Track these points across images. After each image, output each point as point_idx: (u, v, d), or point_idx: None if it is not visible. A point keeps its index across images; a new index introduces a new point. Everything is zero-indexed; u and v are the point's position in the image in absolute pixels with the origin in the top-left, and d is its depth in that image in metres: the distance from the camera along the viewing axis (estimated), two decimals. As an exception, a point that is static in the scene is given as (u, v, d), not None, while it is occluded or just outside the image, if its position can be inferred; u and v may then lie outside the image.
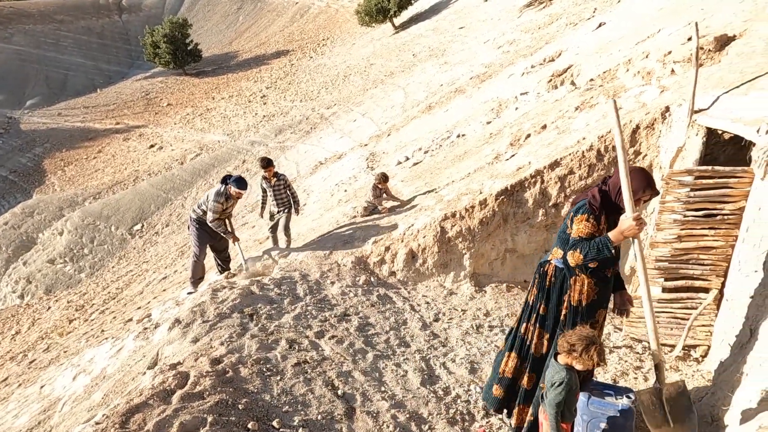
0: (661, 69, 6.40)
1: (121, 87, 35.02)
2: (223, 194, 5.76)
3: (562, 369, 2.82)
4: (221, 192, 5.76)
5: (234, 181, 5.74)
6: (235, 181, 5.74)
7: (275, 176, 6.58)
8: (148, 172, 22.22)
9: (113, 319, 9.04)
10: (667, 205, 4.45)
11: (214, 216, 5.79)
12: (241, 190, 5.76)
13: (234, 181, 5.74)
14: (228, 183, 5.77)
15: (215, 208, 5.76)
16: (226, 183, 5.79)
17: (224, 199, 5.77)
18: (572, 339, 2.76)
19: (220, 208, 5.78)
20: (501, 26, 22.54)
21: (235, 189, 5.74)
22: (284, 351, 4.02)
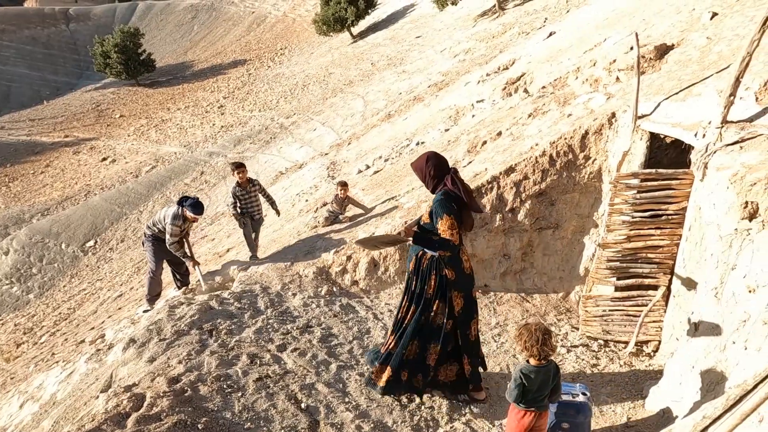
0: (607, 77, 6.69)
1: (69, 98, 33.71)
2: (179, 217, 5.60)
3: (518, 369, 2.92)
4: (177, 215, 5.59)
5: (190, 205, 5.56)
6: (191, 205, 5.56)
7: (250, 182, 6.40)
8: (100, 186, 21.43)
9: (65, 341, 8.64)
10: (616, 207, 4.64)
11: (173, 240, 5.62)
12: (196, 215, 5.60)
13: (190, 206, 5.55)
14: (184, 205, 5.61)
15: (174, 232, 5.59)
16: (181, 205, 5.63)
17: (181, 221, 5.62)
18: (522, 332, 2.87)
19: (178, 231, 5.63)
20: (456, 35, 23.01)
21: (191, 213, 5.58)
22: (245, 366, 3.94)
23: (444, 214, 3.33)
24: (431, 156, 3.51)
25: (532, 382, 2.87)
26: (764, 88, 4.11)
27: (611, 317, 4.91)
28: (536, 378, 2.87)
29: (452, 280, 3.52)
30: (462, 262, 3.56)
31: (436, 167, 3.47)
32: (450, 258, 3.48)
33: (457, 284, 3.55)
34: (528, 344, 2.81)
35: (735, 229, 3.31)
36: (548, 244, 5.89)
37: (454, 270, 3.51)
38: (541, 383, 2.90)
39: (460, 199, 3.41)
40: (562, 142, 5.57)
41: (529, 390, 2.89)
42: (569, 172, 5.56)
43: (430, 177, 3.47)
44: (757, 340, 2.78)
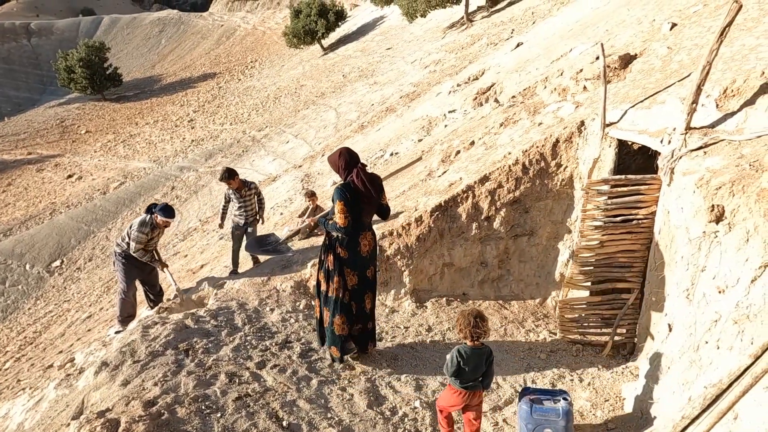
0: (575, 86, 6.87)
1: (32, 115, 32.74)
2: (148, 224, 5.44)
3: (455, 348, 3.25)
4: (146, 222, 5.44)
5: (160, 209, 5.44)
6: (161, 209, 5.44)
7: (245, 185, 6.25)
8: (66, 204, 20.79)
9: (31, 367, 8.29)
10: (588, 213, 4.74)
11: (138, 247, 5.47)
12: (168, 219, 5.47)
13: (160, 210, 5.44)
14: (154, 212, 5.47)
15: (139, 239, 5.43)
16: (151, 212, 5.49)
17: (149, 229, 5.46)
18: (459, 318, 3.23)
19: (144, 239, 5.47)
20: (426, 47, 23.33)
21: (162, 218, 5.44)
22: (224, 386, 3.85)
23: (337, 200, 3.85)
24: (344, 152, 4.02)
25: (466, 361, 3.18)
26: (724, 95, 4.28)
27: (587, 321, 4.99)
28: (470, 358, 3.19)
29: (345, 259, 4.04)
30: (359, 244, 4.04)
31: (347, 161, 3.97)
32: (346, 240, 3.99)
33: (349, 263, 4.06)
34: (463, 327, 3.16)
35: (703, 232, 3.42)
36: (524, 250, 5.97)
37: (347, 251, 4.02)
38: (476, 364, 3.22)
39: (359, 189, 3.90)
40: (534, 150, 5.67)
41: (465, 369, 3.21)
42: (542, 179, 5.66)
43: (342, 169, 3.97)
44: (729, 339, 2.86)
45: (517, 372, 4.52)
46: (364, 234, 4.04)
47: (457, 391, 3.29)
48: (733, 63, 4.58)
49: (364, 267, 4.13)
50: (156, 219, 5.44)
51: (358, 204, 3.90)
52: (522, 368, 4.58)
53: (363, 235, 4.03)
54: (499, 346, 4.96)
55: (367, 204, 3.97)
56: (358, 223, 3.96)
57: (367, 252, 4.10)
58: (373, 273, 4.25)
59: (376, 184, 4.01)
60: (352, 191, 3.87)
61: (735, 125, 3.98)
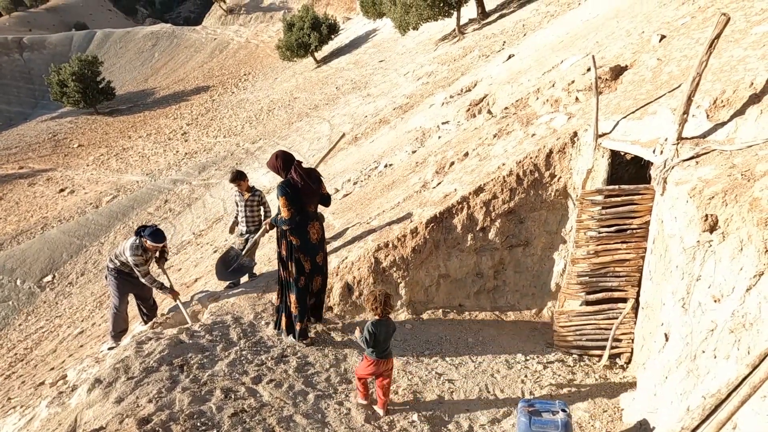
0: (567, 97, 6.93)
1: (24, 129, 32.60)
2: (139, 247, 5.39)
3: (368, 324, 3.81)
4: (136, 245, 5.38)
5: (150, 234, 5.36)
6: (150, 234, 5.36)
7: (249, 191, 6.18)
8: (58, 219, 20.64)
9: (22, 384, 8.17)
10: (583, 223, 4.77)
11: (143, 270, 5.41)
12: (156, 244, 5.41)
13: (149, 234, 5.35)
14: (143, 235, 5.39)
15: (138, 262, 5.38)
16: (140, 235, 5.42)
17: (141, 251, 5.42)
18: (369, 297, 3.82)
19: (142, 260, 5.42)
20: (419, 59, 23.52)
21: (151, 242, 5.37)
22: (219, 401, 3.81)
23: (279, 196, 4.37)
24: (279, 154, 4.53)
25: (378, 333, 3.80)
26: (714, 106, 4.34)
27: (584, 331, 4.99)
28: (380, 330, 3.81)
29: (298, 246, 4.54)
30: (308, 233, 4.57)
31: (284, 161, 4.48)
32: (296, 230, 4.48)
33: (302, 249, 4.57)
34: (373, 305, 3.78)
35: (697, 242, 3.45)
36: (519, 261, 5.97)
37: (299, 238, 4.53)
38: (385, 336, 3.85)
39: (298, 184, 4.42)
40: (527, 161, 5.71)
41: (377, 340, 3.81)
42: (536, 190, 5.69)
43: (281, 169, 4.48)
44: (726, 349, 2.87)
45: (514, 383, 4.51)
46: (312, 224, 4.58)
47: (372, 360, 3.85)
48: (722, 74, 4.65)
49: (314, 253, 4.65)
50: (145, 243, 5.39)
51: (299, 197, 4.41)
52: (519, 380, 4.56)
53: (311, 225, 4.58)
54: (495, 357, 4.94)
55: (308, 196, 4.49)
56: (303, 213, 4.49)
57: (316, 239, 4.64)
58: (323, 258, 4.82)
59: (313, 177, 4.54)
60: (292, 186, 4.39)
61: (726, 135, 4.02)
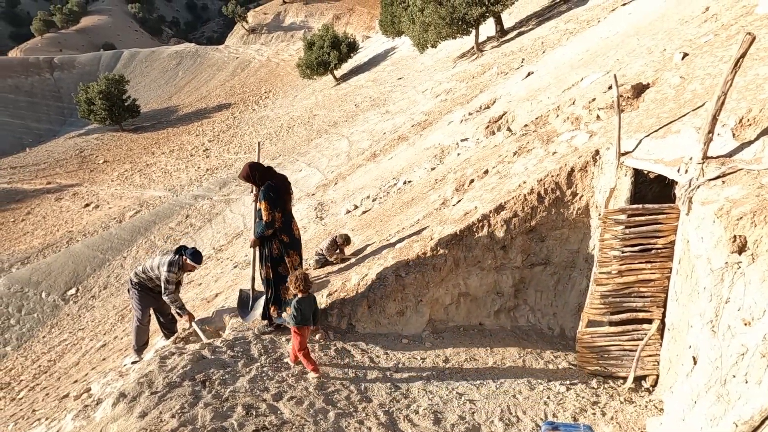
0: (588, 115, 6.91)
1: (52, 145, 33.59)
2: (176, 264, 5.52)
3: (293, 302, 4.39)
4: (175, 262, 5.51)
5: (190, 254, 5.55)
6: (191, 254, 5.55)
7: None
8: (83, 233, 21.10)
9: (46, 396, 8.29)
10: (606, 242, 4.72)
11: (171, 288, 5.51)
12: (196, 264, 5.59)
13: (190, 254, 5.54)
14: (183, 254, 5.55)
15: (171, 279, 5.48)
16: (180, 254, 5.57)
17: (177, 268, 5.54)
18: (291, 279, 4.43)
19: (175, 278, 5.54)
20: (437, 76, 23.69)
21: (191, 262, 5.53)
22: (241, 418, 3.82)
23: (262, 200, 4.75)
24: (252, 165, 4.93)
25: (304, 308, 4.37)
26: (740, 125, 4.29)
27: (608, 352, 4.90)
28: (305, 304, 4.41)
29: (288, 243, 4.94)
30: (293, 230, 5.01)
31: (262, 170, 4.92)
32: (283, 228, 4.88)
33: (291, 246, 4.98)
34: (296, 285, 4.37)
35: (725, 263, 3.38)
36: (540, 280, 5.92)
37: (288, 236, 4.92)
38: (308, 308, 4.42)
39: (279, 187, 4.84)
40: (549, 179, 5.69)
41: (305, 314, 4.39)
42: (557, 208, 5.66)
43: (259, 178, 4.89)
44: (757, 373, 2.80)
45: (536, 405, 4.43)
46: (293, 221, 5.03)
47: (301, 331, 4.40)
48: (747, 92, 4.60)
49: (299, 247, 5.14)
50: (185, 261, 5.52)
51: (281, 198, 4.82)
52: (542, 401, 4.49)
53: (293, 222, 5.02)
54: (517, 377, 4.88)
55: (287, 195, 4.97)
56: (287, 213, 4.90)
57: (298, 235, 5.13)
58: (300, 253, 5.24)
59: (286, 180, 5.07)
60: (274, 189, 4.79)
61: (753, 154, 3.97)
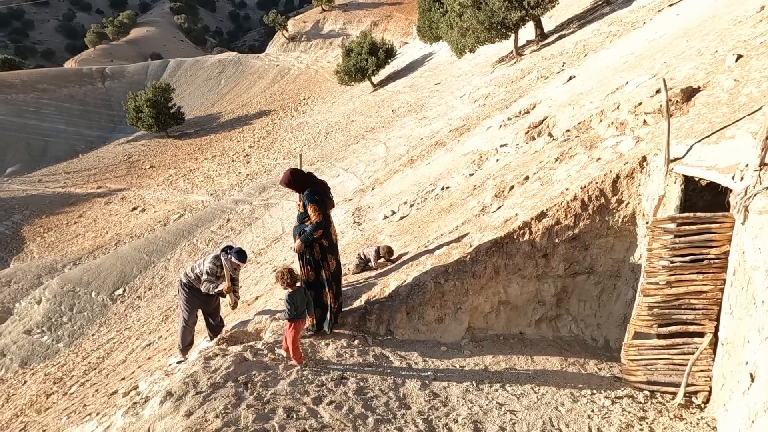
0: (634, 120, 6.71)
1: (103, 151, 35.17)
2: (219, 258, 5.72)
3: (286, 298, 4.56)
4: (218, 256, 5.73)
5: (236, 252, 5.75)
6: (236, 252, 5.75)
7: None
8: (130, 235, 21.95)
9: (96, 392, 8.65)
10: (655, 252, 4.56)
11: (209, 277, 5.72)
12: (240, 262, 5.78)
13: (235, 252, 5.75)
14: (229, 253, 5.76)
15: (212, 270, 5.73)
16: (226, 252, 5.78)
17: (220, 263, 5.74)
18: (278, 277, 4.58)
19: (216, 270, 5.75)
20: (475, 81, 23.51)
21: (236, 260, 5.73)
22: (282, 420, 3.88)
23: (309, 203, 4.88)
24: (293, 172, 5.05)
25: (296, 302, 4.52)
26: (801, 130, 4.06)
27: (656, 366, 4.72)
28: (297, 298, 4.55)
29: (327, 247, 5.03)
30: (331, 234, 5.08)
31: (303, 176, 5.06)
32: (324, 233, 4.94)
33: (330, 250, 5.07)
34: (283, 281, 4.52)
35: (786, 275, 3.21)
36: (583, 289, 5.77)
37: (328, 240, 5.02)
38: (301, 301, 4.57)
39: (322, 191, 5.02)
40: (593, 186, 5.55)
41: (299, 308, 4.55)
42: (602, 216, 5.51)
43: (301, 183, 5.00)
44: (823, 394, 2.64)
45: (580, 418, 4.31)
46: (332, 226, 5.13)
47: (296, 325, 4.54)
48: (809, 96, 4.37)
49: (337, 251, 5.22)
50: (230, 259, 5.71)
51: (324, 202, 4.98)
52: (585, 414, 4.36)
53: (332, 226, 5.13)
54: (559, 389, 4.76)
55: (329, 200, 5.11)
56: (327, 217, 5.00)
57: (336, 240, 5.20)
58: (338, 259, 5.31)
59: (326, 185, 5.20)
60: (318, 193, 4.94)
61: (816, 161, 3.76)
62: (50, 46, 77.51)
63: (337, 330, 5.48)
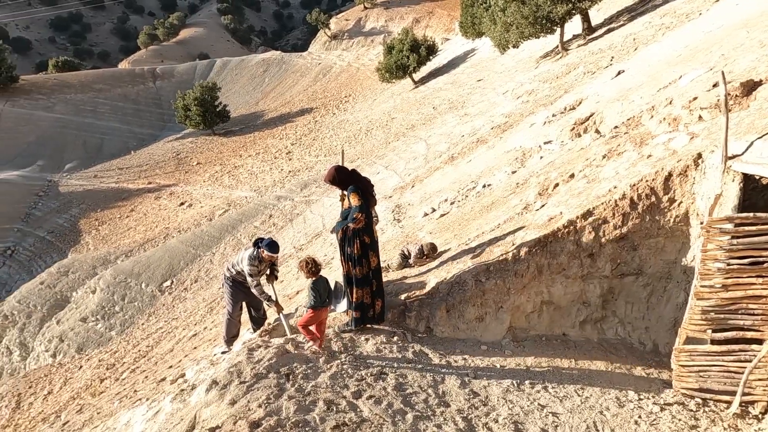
0: (688, 115, 6.42)
1: (153, 148, 36.57)
2: (256, 257, 5.78)
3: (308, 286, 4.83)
4: (254, 256, 5.78)
5: (267, 245, 5.75)
6: (267, 245, 5.75)
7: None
8: (177, 230, 22.76)
9: (145, 379, 9.03)
10: (710, 253, 4.34)
11: (254, 280, 5.80)
12: (273, 254, 5.78)
13: (266, 245, 5.75)
14: (260, 246, 5.79)
15: (252, 272, 5.78)
16: (258, 246, 5.83)
17: (258, 262, 5.80)
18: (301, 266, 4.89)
19: (256, 271, 5.82)
20: (518, 77, 23.06)
21: (268, 252, 5.75)
22: (322, 413, 3.94)
23: (352, 193, 5.04)
24: (338, 168, 5.22)
25: (319, 290, 4.76)
26: None
27: (709, 373, 4.50)
28: (320, 286, 4.80)
29: (369, 243, 5.10)
30: (373, 232, 5.19)
31: (346, 173, 5.22)
32: (365, 229, 5.02)
33: (372, 247, 5.15)
34: (307, 270, 4.79)
35: None
36: (631, 291, 5.57)
37: (370, 237, 5.09)
38: (324, 289, 4.83)
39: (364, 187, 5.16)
40: (643, 184, 5.34)
41: (320, 296, 4.77)
42: (652, 215, 5.30)
43: (344, 180, 5.18)
44: None
45: (626, 423, 4.17)
46: (373, 222, 5.24)
47: (316, 313, 4.76)
48: None
49: (377, 249, 5.28)
50: (262, 253, 5.75)
51: (366, 198, 5.08)
52: (632, 420, 4.22)
53: (373, 223, 5.24)
54: (604, 392, 4.62)
55: (371, 197, 5.24)
56: (369, 215, 5.09)
57: (377, 237, 5.29)
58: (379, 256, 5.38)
59: (370, 182, 5.34)
60: (360, 190, 5.06)
61: None
62: (106, 48, 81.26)
63: (377, 326, 5.51)
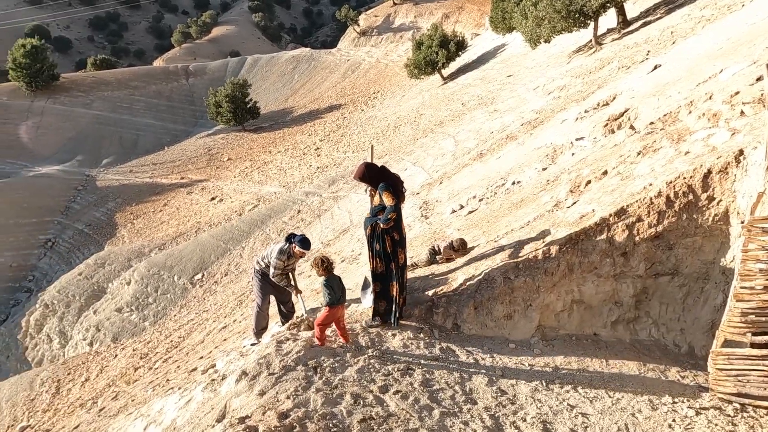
0: (729, 111, 6.18)
1: (185, 144, 37.40)
2: (285, 252, 5.86)
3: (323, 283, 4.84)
4: (284, 250, 5.86)
5: (299, 240, 5.84)
6: (299, 241, 5.83)
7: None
8: (209, 224, 23.24)
9: (177, 369, 9.27)
10: (751, 253, 4.18)
11: (276, 272, 5.92)
12: (304, 250, 5.87)
13: (299, 241, 5.84)
14: (292, 242, 5.88)
15: (277, 265, 5.88)
16: (290, 241, 5.91)
17: (286, 257, 5.88)
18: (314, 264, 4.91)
19: (281, 265, 5.90)
20: (550, 72, 22.62)
21: (300, 248, 5.83)
22: (349, 406, 3.97)
23: (384, 191, 5.07)
24: (368, 165, 5.25)
25: (334, 287, 4.77)
26: None
27: (748, 377, 4.34)
28: (334, 283, 4.82)
29: (398, 240, 5.17)
30: (402, 228, 5.24)
31: (377, 170, 5.25)
32: (396, 226, 5.09)
33: (401, 243, 5.22)
34: (320, 268, 4.84)
35: None
36: (666, 291, 5.42)
37: (399, 233, 5.17)
38: (337, 286, 4.83)
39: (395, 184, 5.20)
40: (680, 181, 5.18)
41: (335, 293, 4.77)
42: (689, 214, 5.13)
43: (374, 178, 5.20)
44: None
45: (659, 426, 4.07)
46: (402, 220, 5.26)
47: (333, 311, 4.77)
48: None
49: (405, 245, 5.34)
50: (293, 249, 5.84)
51: (397, 195, 5.13)
52: (666, 423, 4.11)
53: (402, 220, 5.26)
54: (636, 394, 4.51)
55: (401, 194, 5.26)
56: (399, 212, 5.14)
57: (405, 234, 5.36)
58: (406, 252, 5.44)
59: (399, 179, 5.34)
60: (392, 187, 5.11)
61: None
62: (141, 46, 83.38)
63: (404, 321, 5.51)
